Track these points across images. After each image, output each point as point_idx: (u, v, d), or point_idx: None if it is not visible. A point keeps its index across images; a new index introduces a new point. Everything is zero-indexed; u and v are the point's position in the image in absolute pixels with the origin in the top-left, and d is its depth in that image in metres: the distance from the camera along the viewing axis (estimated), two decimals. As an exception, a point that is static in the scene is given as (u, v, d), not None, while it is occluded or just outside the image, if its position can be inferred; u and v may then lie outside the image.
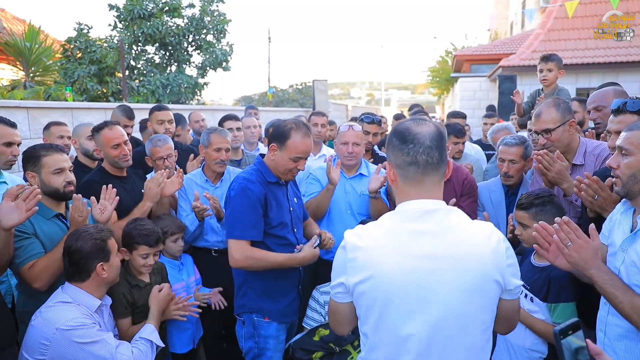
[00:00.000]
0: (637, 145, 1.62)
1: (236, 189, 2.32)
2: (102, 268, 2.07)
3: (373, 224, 1.37)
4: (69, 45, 9.35)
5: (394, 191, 1.42)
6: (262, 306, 2.35)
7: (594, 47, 11.53)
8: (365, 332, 1.37)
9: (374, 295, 1.30)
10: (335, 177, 2.85)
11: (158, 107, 4.27)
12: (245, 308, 2.38)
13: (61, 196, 2.37)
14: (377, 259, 1.30)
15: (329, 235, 2.55)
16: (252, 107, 6.07)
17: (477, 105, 13.56)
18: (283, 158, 2.33)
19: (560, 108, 2.41)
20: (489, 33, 24.45)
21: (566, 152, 2.48)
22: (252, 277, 2.35)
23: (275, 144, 2.34)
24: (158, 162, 3.19)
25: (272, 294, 2.35)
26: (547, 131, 2.40)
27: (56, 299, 2.03)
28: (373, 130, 3.75)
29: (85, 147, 3.41)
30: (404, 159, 1.33)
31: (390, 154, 1.38)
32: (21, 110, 4.91)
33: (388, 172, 1.40)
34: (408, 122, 1.39)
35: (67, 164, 2.40)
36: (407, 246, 1.29)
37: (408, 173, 1.34)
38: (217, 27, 10.50)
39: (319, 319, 2.55)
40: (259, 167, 2.41)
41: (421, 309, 1.27)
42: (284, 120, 2.44)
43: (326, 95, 12.48)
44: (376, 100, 55.11)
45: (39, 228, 2.29)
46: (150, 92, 9.42)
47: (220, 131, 3.19)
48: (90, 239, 2.06)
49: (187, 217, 3.06)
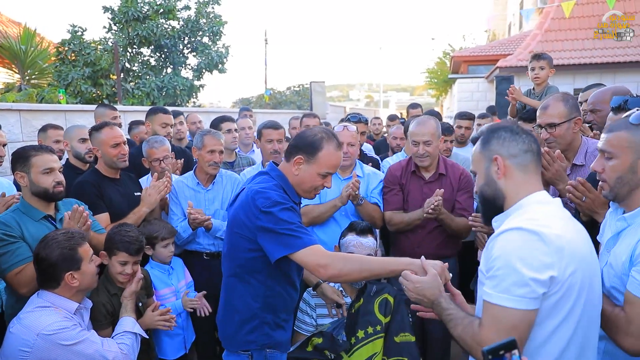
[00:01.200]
0: (619, 147, 1.55)
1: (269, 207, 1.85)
2: (71, 277, 2.01)
3: (535, 211, 1.38)
4: (63, 48, 9.31)
5: (503, 185, 1.44)
6: (276, 339, 2.03)
7: (591, 48, 11.53)
8: (561, 332, 1.33)
9: (580, 284, 1.32)
10: (347, 197, 2.78)
11: (163, 110, 4.14)
12: (256, 345, 2.01)
13: (50, 196, 2.35)
14: (576, 244, 1.34)
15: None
16: (246, 109, 6.04)
17: (474, 107, 13.53)
18: (311, 173, 1.96)
19: (569, 104, 2.35)
20: (487, 34, 24.48)
21: (567, 151, 2.42)
22: (265, 310, 1.99)
23: (302, 156, 1.95)
24: (154, 164, 3.18)
25: (281, 323, 2.06)
26: (552, 125, 2.33)
27: (34, 305, 1.98)
28: (360, 129, 3.76)
29: (76, 149, 3.38)
30: (520, 147, 1.43)
31: (500, 147, 1.44)
32: (13, 113, 4.86)
33: (501, 166, 1.44)
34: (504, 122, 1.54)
35: (57, 164, 2.37)
36: (580, 231, 1.41)
37: (525, 160, 1.43)
38: (212, 29, 10.46)
39: (310, 322, 2.50)
40: (279, 182, 1.97)
41: (598, 286, 1.41)
42: (310, 129, 2.08)
43: (324, 97, 12.44)
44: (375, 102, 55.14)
45: (26, 231, 2.26)
46: (145, 94, 9.38)
47: (213, 133, 3.16)
48: (58, 248, 1.99)
49: (180, 222, 3.02)
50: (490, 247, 1.35)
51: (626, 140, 1.54)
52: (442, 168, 2.98)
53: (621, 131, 1.57)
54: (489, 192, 1.47)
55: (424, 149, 2.86)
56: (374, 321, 2.39)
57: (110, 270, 2.38)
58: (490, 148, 1.46)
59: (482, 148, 1.49)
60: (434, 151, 2.89)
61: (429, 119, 3.00)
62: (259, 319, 1.98)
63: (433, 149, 2.87)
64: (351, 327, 2.38)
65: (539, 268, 1.25)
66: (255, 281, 1.96)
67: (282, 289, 2.01)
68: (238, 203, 1.98)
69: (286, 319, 2.09)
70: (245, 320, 1.99)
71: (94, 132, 2.95)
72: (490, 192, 1.47)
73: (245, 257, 1.93)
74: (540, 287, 1.25)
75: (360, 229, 2.51)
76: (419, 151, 2.87)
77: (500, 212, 1.46)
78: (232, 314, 2.02)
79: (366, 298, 2.45)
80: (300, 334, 2.49)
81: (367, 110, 26.10)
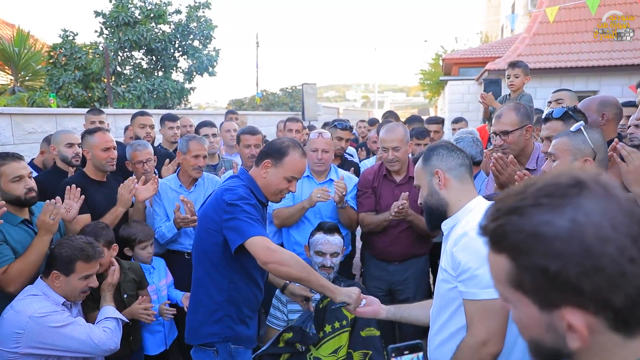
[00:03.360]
0: (560, 149, 1.86)
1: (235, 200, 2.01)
2: (56, 276, 2.15)
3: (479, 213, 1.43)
4: (55, 52, 9.40)
5: (445, 195, 1.63)
6: (239, 333, 2.15)
7: (578, 51, 11.71)
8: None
9: None
10: (315, 201, 2.90)
11: (140, 113, 4.43)
12: (218, 337, 2.11)
13: (23, 203, 2.42)
14: None
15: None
16: (232, 112, 6.18)
17: (465, 108, 13.69)
18: (278, 177, 2.13)
19: (520, 112, 2.52)
20: (479, 36, 24.67)
21: (521, 156, 2.60)
22: (228, 303, 2.12)
23: (270, 160, 2.13)
24: (137, 166, 3.29)
25: (245, 319, 2.19)
26: (505, 133, 2.50)
27: (26, 293, 2.15)
28: (346, 136, 3.90)
29: (63, 153, 3.47)
30: (456, 161, 1.64)
31: (440, 162, 1.65)
32: (4, 117, 4.97)
33: (442, 178, 1.62)
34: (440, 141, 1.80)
35: (26, 171, 2.44)
36: None
37: (461, 173, 1.64)
38: (203, 32, 10.58)
39: (282, 317, 2.64)
40: (248, 184, 2.15)
41: None
42: (279, 138, 2.31)
43: (315, 98, 12.58)
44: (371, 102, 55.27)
45: (8, 235, 2.34)
46: (136, 97, 9.48)
47: (198, 139, 3.29)
48: (67, 248, 2.17)
49: (163, 223, 3.14)
50: (455, 250, 1.50)
51: (566, 143, 1.86)
52: (412, 171, 3.07)
53: (564, 137, 1.89)
54: (432, 201, 1.66)
55: (393, 154, 2.99)
56: (341, 316, 2.53)
57: None
58: (431, 163, 1.66)
59: (423, 164, 1.68)
60: (403, 156, 3.02)
61: (397, 125, 3.15)
62: (223, 311, 2.11)
63: (402, 154, 3.00)
64: (320, 322, 2.53)
65: None
66: (219, 275, 2.10)
67: (245, 285, 2.15)
68: (208, 202, 2.17)
69: (250, 316, 2.21)
70: (209, 312, 2.11)
71: (87, 135, 3.05)
72: (434, 201, 1.65)
73: (212, 251, 2.09)
74: None
75: (328, 227, 2.67)
76: (388, 157, 3.01)
77: (444, 218, 1.65)
78: (197, 308, 2.15)
79: (334, 295, 2.60)
80: (273, 329, 2.63)
81: (362, 110, 26.23)
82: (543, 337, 0.68)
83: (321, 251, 2.60)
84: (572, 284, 0.61)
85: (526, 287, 0.66)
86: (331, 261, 2.59)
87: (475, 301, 1.43)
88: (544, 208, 0.64)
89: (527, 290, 0.66)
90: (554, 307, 0.64)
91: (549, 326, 0.66)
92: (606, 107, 2.77)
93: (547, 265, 0.62)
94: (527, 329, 0.71)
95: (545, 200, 0.65)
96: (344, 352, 2.49)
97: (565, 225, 0.62)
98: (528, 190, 0.67)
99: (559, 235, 0.62)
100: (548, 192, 0.66)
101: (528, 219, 0.65)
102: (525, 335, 0.72)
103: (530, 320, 0.68)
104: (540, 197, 0.65)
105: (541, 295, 0.65)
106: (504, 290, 0.70)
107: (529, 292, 0.66)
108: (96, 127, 3.21)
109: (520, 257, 0.66)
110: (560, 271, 0.61)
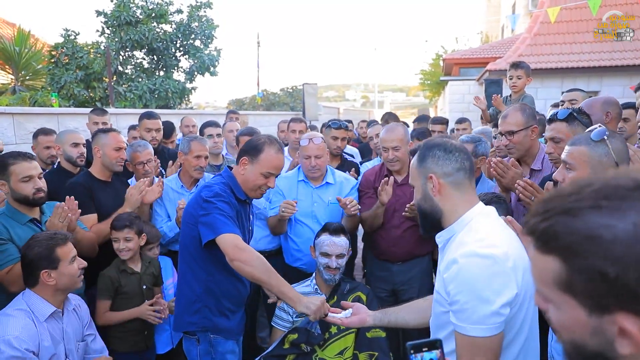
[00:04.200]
0: (578, 160, 1.71)
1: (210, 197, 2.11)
2: (47, 275, 2.07)
3: (479, 227, 1.41)
4: (57, 52, 9.39)
5: (440, 202, 1.48)
6: (217, 325, 2.24)
7: (579, 52, 11.71)
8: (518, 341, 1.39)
9: (531, 290, 1.34)
10: (283, 216, 2.88)
11: (148, 115, 4.30)
12: (197, 326, 2.22)
13: (31, 203, 2.44)
14: (519, 252, 1.37)
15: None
16: (233, 112, 6.18)
17: (466, 108, 13.68)
18: (255, 173, 2.21)
19: (526, 113, 2.54)
20: (479, 36, 24.68)
21: (526, 157, 2.62)
22: (207, 294, 2.21)
23: (246, 157, 2.22)
24: (138, 167, 3.29)
25: (225, 311, 2.26)
26: (511, 133, 2.52)
27: (12, 307, 2.07)
28: (341, 135, 3.87)
29: (68, 153, 3.48)
30: (453, 166, 1.46)
31: (435, 166, 1.48)
32: (6, 117, 4.97)
33: (436, 184, 1.46)
34: (438, 138, 1.60)
35: (36, 171, 2.46)
36: (516, 238, 1.45)
37: (458, 179, 1.47)
38: (204, 32, 10.56)
39: (287, 318, 2.63)
40: (228, 181, 2.24)
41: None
42: (257, 135, 2.37)
43: (316, 98, 12.59)
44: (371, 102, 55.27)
45: (14, 233, 2.35)
46: (138, 97, 9.47)
47: (200, 139, 3.30)
48: (36, 246, 2.08)
49: (165, 223, 3.15)
50: (446, 277, 1.38)
51: (586, 154, 1.70)
52: None
53: (582, 146, 1.72)
54: (426, 206, 1.51)
55: (393, 154, 2.98)
56: (347, 317, 2.53)
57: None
58: (426, 166, 1.50)
59: (418, 164, 1.53)
60: (403, 156, 3.00)
61: (397, 125, 3.13)
62: (201, 302, 2.21)
63: (402, 153, 2.99)
64: (325, 323, 2.52)
65: (503, 292, 1.29)
66: (198, 268, 2.20)
67: (224, 278, 2.23)
68: (191, 201, 2.27)
69: (231, 309, 2.29)
70: (189, 303, 2.23)
71: (100, 134, 3.08)
72: (427, 207, 1.51)
73: (191, 244, 2.18)
74: (507, 308, 1.30)
75: (333, 229, 2.66)
76: (388, 156, 3.00)
77: (438, 226, 1.51)
78: (180, 298, 2.29)
79: (339, 296, 2.60)
80: (278, 330, 2.62)
81: (362, 110, 26.23)
82: (586, 341, 0.66)
83: (327, 252, 2.60)
84: (631, 290, 0.60)
85: (577, 290, 0.65)
86: (337, 262, 2.59)
87: (465, 335, 1.32)
88: (604, 211, 0.63)
89: (577, 293, 0.65)
90: (605, 311, 0.63)
91: (596, 330, 0.65)
92: (610, 106, 2.79)
93: (605, 269, 0.61)
94: (568, 331, 0.69)
95: (605, 203, 0.63)
96: (350, 353, 2.48)
97: (629, 228, 0.61)
98: (584, 192, 0.66)
99: (620, 239, 0.61)
100: (607, 194, 0.64)
101: (583, 221, 0.63)
102: (565, 337, 0.71)
103: (574, 322, 0.67)
104: (599, 199, 0.64)
105: (594, 299, 0.64)
106: (549, 291, 0.69)
107: (580, 294, 0.65)
108: (111, 128, 3.25)
109: (573, 260, 0.64)
110: (619, 276, 0.60)
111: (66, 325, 2.18)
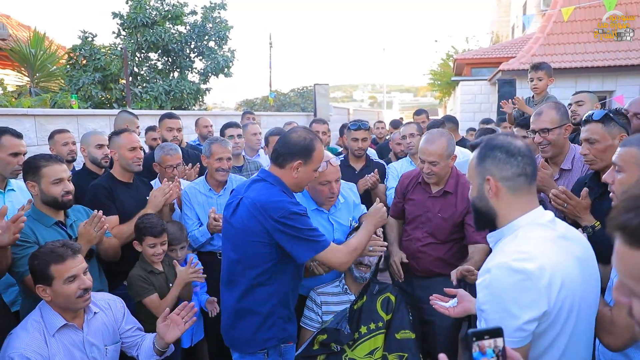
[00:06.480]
0: (628, 162, 1.66)
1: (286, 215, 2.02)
2: (42, 290, 1.99)
3: (525, 237, 1.36)
4: (74, 54, 9.48)
5: (495, 204, 1.45)
6: (291, 332, 2.22)
7: (593, 51, 11.61)
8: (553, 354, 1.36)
9: (570, 305, 1.32)
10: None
11: (169, 115, 4.42)
12: (274, 341, 2.16)
13: (59, 205, 2.47)
14: (564, 267, 1.32)
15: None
16: (249, 112, 6.16)
17: (477, 109, 13.63)
18: (308, 172, 2.16)
19: (560, 111, 2.56)
20: (490, 36, 24.54)
21: (557, 156, 2.61)
22: (280, 305, 2.15)
23: (300, 160, 2.12)
24: (167, 170, 3.31)
25: (291, 316, 2.24)
26: (545, 130, 2.53)
27: (32, 316, 2.05)
28: (361, 136, 3.84)
29: (93, 155, 3.53)
30: (514, 170, 1.41)
31: (495, 169, 1.43)
32: (28, 118, 5.02)
33: (493, 187, 1.42)
34: (503, 136, 1.49)
35: (66, 174, 2.49)
36: (568, 250, 1.38)
37: (517, 184, 1.42)
38: (219, 33, 10.59)
39: (316, 318, 2.64)
40: (281, 187, 2.13)
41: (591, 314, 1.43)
42: (295, 133, 2.18)
43: (327, 99, 12.57)
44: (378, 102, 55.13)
45: (40, 236, 2.38)
46: (153, 98, 9.53)
47: (221, 141, 3.31)
48: (35, 259, 2.00)
49: (195, 226, 3.16)
50: (478, 284, 1.37)
51: (635, 156, 1.64)
52: (450, 185, 2.82)
53: (632, 147, 1.67)
54: (480, 205, 1.50)
55: (429, 168, 2.75)
56: (377, 318, 2.54)
57: (145, 254, 2.71)
58: (485, 167, 1.45)
59: (477, 163, 1.48)
60: (440, 171, 2.75)
61: (440, 136, 2.74)
62: (276, 314, 2.15)
63: (439, 169, 2.73)
64: (355, 323, 2.53)
65: (530, 308, 1.27)
66: (267, 280, 2.12)
67: (294, 282, 2.23)
68: (244, 215, 2.09)
69: (292, 311, 2.29)
70: (262, 319, 2.13)
71: (114, 137, 3.12)
72: (482, 206, 1.49)
73: (257, 261, 2.10)
74: (533, 324, 1.29)
75: None
76: (424, 169, 2.79)
77: (493, 225, 1.49)
78: (250, 318, 2.15)
79: (369, 296, 2.61)
80: (308, 330, 2.63)
81: (371, 111, 26.14)
82: None
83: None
84: None
85: None
86: (368, 259, 2.60)
87: None
88: None
89: None
90: None
91: None
92: None
93: None
94: None
95: None
96: (380, 354, 2.49)
97: None
98: None
99: None
100: None
101: None
102: None
103: None
104: None
105: None
106: (637, 286, 0.69)
107: None
108: (123, 129, 3.25)
109: None
110: None
111: (88, 334, 2.11)
